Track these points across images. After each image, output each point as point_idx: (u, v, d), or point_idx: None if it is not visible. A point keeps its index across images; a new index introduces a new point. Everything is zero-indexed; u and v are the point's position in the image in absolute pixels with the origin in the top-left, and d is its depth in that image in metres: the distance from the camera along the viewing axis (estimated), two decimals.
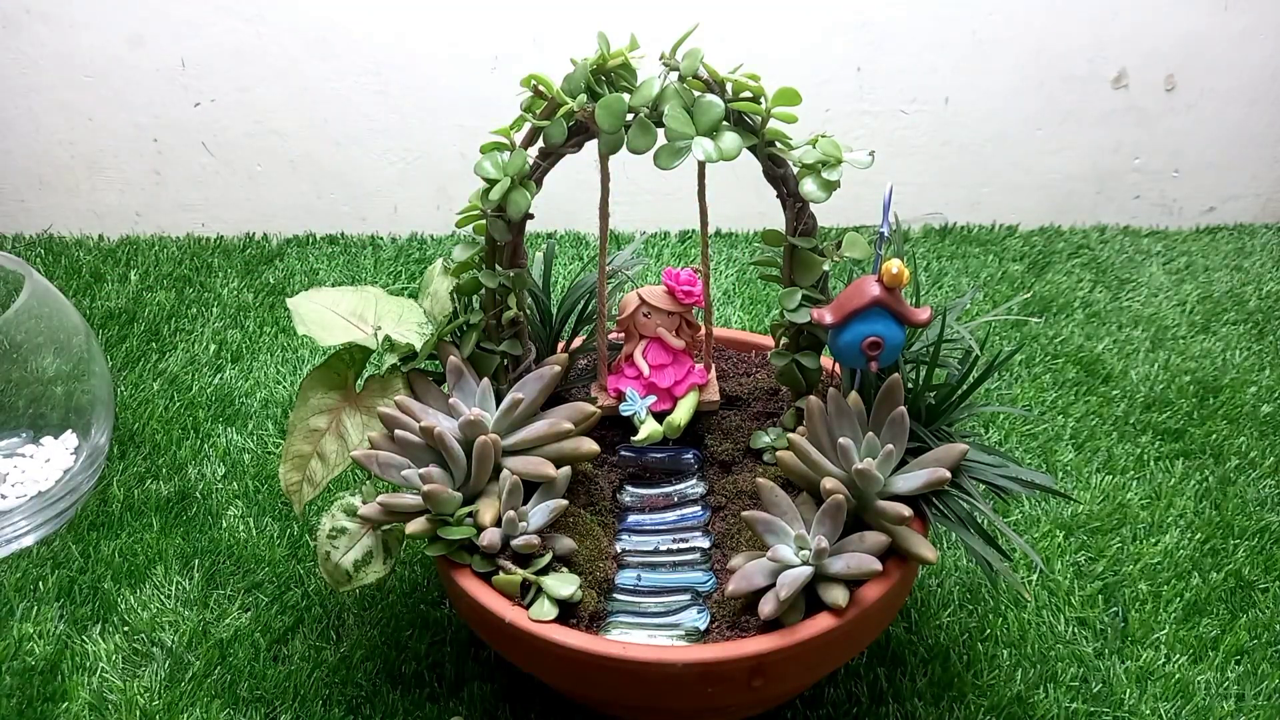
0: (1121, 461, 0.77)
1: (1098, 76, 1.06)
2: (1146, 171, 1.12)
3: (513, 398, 0.54)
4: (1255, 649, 0.62)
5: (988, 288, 1.00)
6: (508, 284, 0.56)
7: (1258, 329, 0.93)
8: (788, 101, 0.50)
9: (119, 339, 0.90)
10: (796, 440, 0.53)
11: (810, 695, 0.59)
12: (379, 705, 0.57)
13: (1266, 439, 0.79)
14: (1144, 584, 0.66)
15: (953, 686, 0.59)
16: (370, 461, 0.53)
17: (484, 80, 1.03)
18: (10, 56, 1.01)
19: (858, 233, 0.55)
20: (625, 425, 0.60)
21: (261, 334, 0.91)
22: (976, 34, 1.03)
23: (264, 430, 0.79)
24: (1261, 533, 0.70)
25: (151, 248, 1.05)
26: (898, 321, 0.51)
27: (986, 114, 1.08)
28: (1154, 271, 1.03)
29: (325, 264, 1.03)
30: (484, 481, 0.53)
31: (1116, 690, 0.59)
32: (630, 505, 0.58)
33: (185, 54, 1.02)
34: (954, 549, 0.68)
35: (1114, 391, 0.84)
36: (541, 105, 0.52)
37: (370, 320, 0.59)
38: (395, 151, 1.07)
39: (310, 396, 0.58)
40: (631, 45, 0.51)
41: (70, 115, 1.04)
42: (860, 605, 0.48)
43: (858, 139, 1.07)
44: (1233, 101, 1.08)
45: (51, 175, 1.07)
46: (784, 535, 0.50)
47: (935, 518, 0.52)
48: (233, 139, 1.06)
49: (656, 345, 0.59)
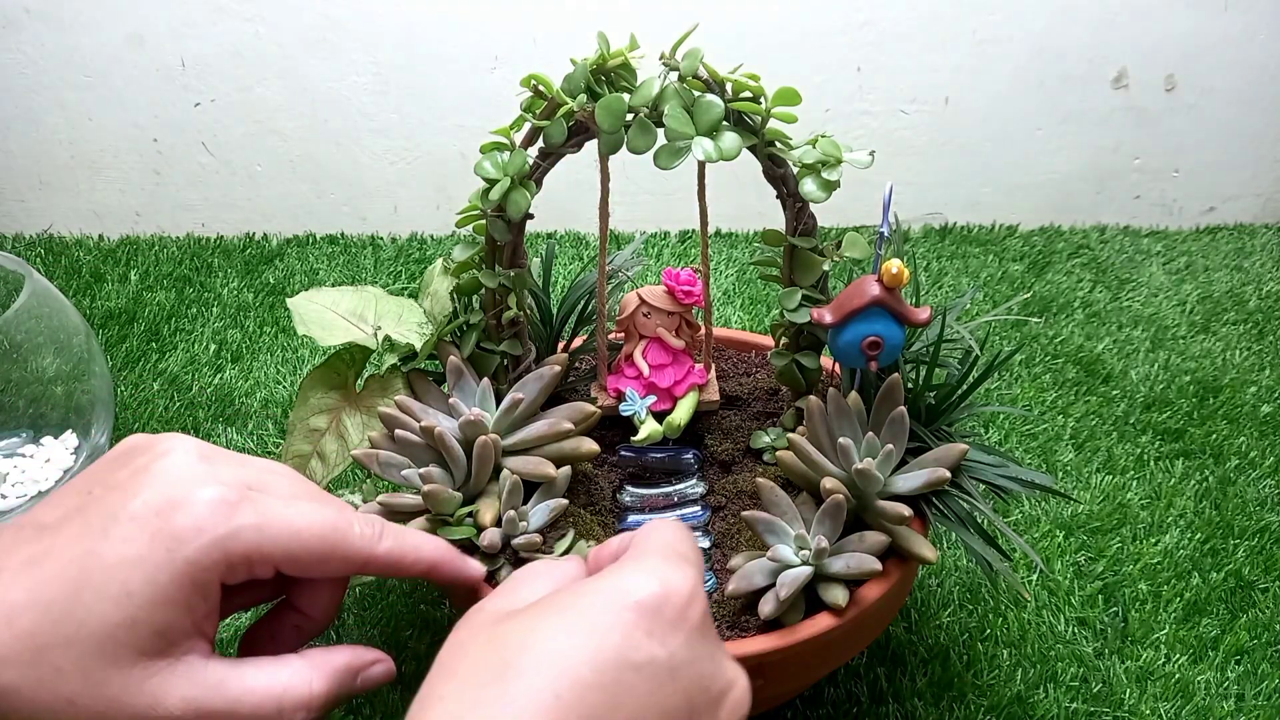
0: (1121, 461, 0.77)
1: (1098, 76, 1.06)
2: (1146, 171, 1.12)
3: (513, 398, 0.54)
4: (1255, 649, 0.62)
5: (988, 288, 1.00)
6: (508, 284, 0.56)
7: (1258, 329, 0.93)
8: (787, 101, 0.50)
9: (119, 339, 0.90)
10: (796, 440, 0.53)
11: (810, 695, 0.59)
12: (379, 705, 0.57)
13: (1266, 439, 0.79)
14: (1144, 584, 0.66)
15: (953, 686, 0.59)
16: (370, 461, 0.53)
17: (484, 80, 1.03)
18: (10, 56, 1.01)
19: (858, 233, 0.55)
20: (625, 425, 0.60)
21: (261, 334, 0.91)
22: (976, 34, 1.03)
23: (264, 430, 0.79)
24: (1261, 533, 0.70)
25: (151, 248, 1.05)
26: (898, 321, 0.51)
27: (986, 114, 1.08)
28: (1154, 271, 1.03)
29: (325, 264, 1.03)
30: (484, 481, 0.53)
31: (1116, 690, 0.59)
32: (630, 505, 0.58)
33: (185, 54, 1.02)
34: (954, 549, 0.68)
35: (1114, 391, 0.84)
36: (541, 105, 0.52)
37: (370, 320, 0.59)
38: (395, 151, 1.07)
39: (310, 396, 0.58)
40: (631, 45, 0.51)
41: (70, 115, 1.04)
42: (860, 605, 0.48)
43: (858, 139, 1.07)
44: (1233, 101, 1.08)
45: (51, 175, 1.07)
46: (784, 535, 0.50)
47: (935, 518, 0.52)
48: (232, 139, 1.06)
49: (656, 345, 0.59)
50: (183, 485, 0.35)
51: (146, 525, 0.34)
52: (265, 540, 0.35)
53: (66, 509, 0.35)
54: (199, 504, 0.35)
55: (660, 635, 0.32)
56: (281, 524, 0.36)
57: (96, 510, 0.35)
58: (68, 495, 0.36)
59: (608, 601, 0.32)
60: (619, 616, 0.32)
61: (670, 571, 0.34)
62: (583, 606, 0.32)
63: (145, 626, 0.33)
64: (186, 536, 0.34)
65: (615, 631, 0.31)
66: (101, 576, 0.33)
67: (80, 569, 0.33)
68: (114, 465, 0.37)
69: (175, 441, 0.37)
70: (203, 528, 0.34)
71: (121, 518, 0.34)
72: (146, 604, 0.33)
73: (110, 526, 0.34)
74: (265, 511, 0.36)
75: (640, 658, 0.31)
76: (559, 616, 0.32)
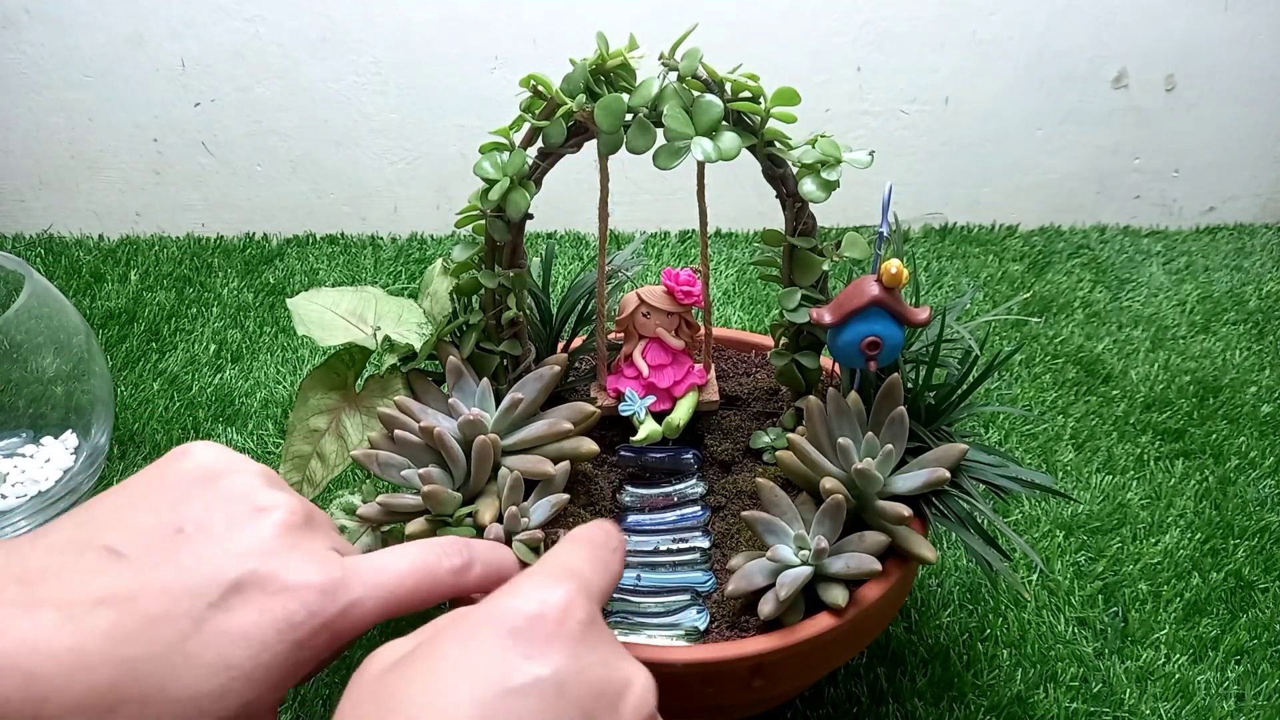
0: (1121, 461, 0.77)
1: (1098, 76, 1.06)
2: (1146, 171, 1.12)
3: (512, 398, 0.54)
4: (1255, 649, 0.62)
5: (988, 288, 1.00)
6: (507, 284, 0.56)
7: (1258, 329, 0.93)
8: (787, 101, 0.50)
9: (119, 339, 0.90)
10: (796, 440, 0.53)
11: (810, 695, 0.59)
12: None
13: (1266, 439, 0.79)
14: (1144, 584, 0.66)
15: (953, 686, 0.59)
16: (370, 461, 0.53)
17: (484, 80, 1.03)
18: (10, 56, 1.01)
19: (857, 233, 0.55)
20: (625, 425, 0.60)
21: (261, 334, 0.91)
22: (976, 34, 1.03)
23: (264, 430, 0.79)
24: (1261, 533, 0.70)
25: (151, 248, 1.05)
26: (897, 321, 0.51)
27: (986, 114, 1.08)
28: (1154, 271, 1.03)
29: (325, 264, 1.03)
30: (483, 481, 0.53)
31: (1116, 690, 0.59)
32: (630, 505, 0.58)
33: (185, 54, 1.02)
34: (954, 549, 0.68)
35: (1114, 391, 0.84)
36: (541, 105, 0.52)
37: (370, 320, 0.59)
38: (395, 151, 1.07)
39: (310, 397, 0.58)
40: (630, 45, 0.51)
41: (70, 115, 1.04)
42: (860, 605, 0.48)
43: (858, 139, 1.07)
44: (1233, 101, 1.08)
45: (51, 175, 1.07)
46: (784, 535, 0.50)
47: (935, 518, 0.52)
48: (232, 139, 1.06)
49: (656, 345, 0.59)
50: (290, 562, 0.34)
51: (254, 603, 0.33)
52: (369, 614, 0.35)
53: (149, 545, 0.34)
54: (310, 590, 0.34)
55: (539, 654, 0.31)
56: (381, 592, 0.35)
57: (196, 563, 0.33)
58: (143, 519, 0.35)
59: (481, 633, 0.32)
60: (495, 645, 0.32)
61: (541, 587, 0.33)
62: (458, 643, 0.32)
63: (235, 699, 0.33)
64: (298, 621, 0.33)
65: (494, 661, 0.31)
66: (199, 645, 0.32)
67: (178, 632, 0.32)
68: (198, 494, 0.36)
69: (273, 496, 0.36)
70: (314, 613, 0.34)
71: (225, 585, 0.33)
72: (243, 679, 0.33)
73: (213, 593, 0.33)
74: (365, 581, 0.35)
75: (522, 681, 0.31)
76: (437, 660, 0.32)
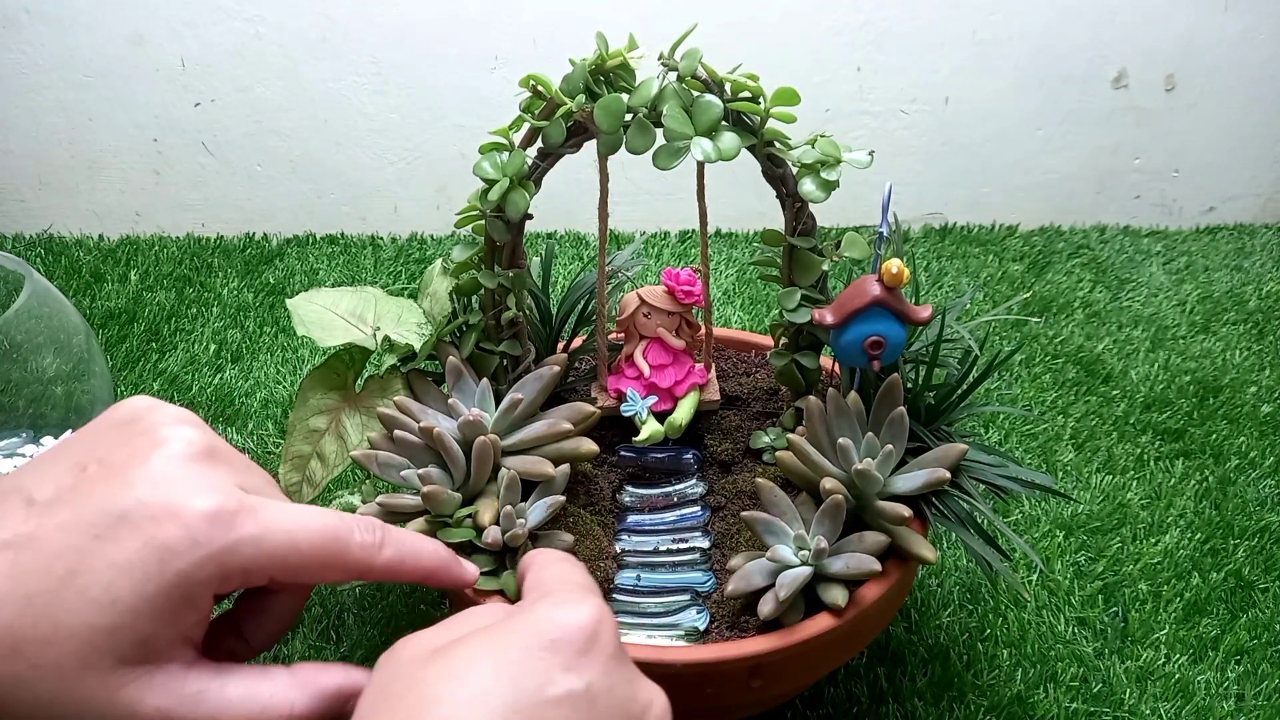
0: (1121, 461, 0.77)
1: (1098, 76, 1.06)
2: (1146, 171, 1.12)
3: (512, 398, 0.54)
4: (1255, 649, 0.62)
5: (988, 288, 1.00)
6: (507, 284, 0.56)
7: (1258, 329, 0.93)
8: (786, 101, 0.50)
9: (119, 339, 0.90)
10: (796, 440, 0.53)
11: (810, 695, 0.59)
12: None
13: (1266, 439, 0.79)
14: (1144, 584, 0.66)
15: (953, 686, 0.59)
16: (370, 462, 0.53)
17: (484, 80, 1.03)
18: (10, 56, 1.01)
19: (857, 233, 0.55)
20: (625, 425, 0.60)
21: (261, 334, 0.91)
22: (976, 34, 1.03)
23: (264, 430, 0.79)
24: (1261, 533, 0.70)
25: (151, 248, 1.05)
26: (899, 320, 0.51)
27: (986, 114, 1.08)
28: (1154, 271, 1.03)
29: (325, 264, 1.03)
30: (483, 482, 0.53)
31: (1116, 690, 0.59)
32: (630, 505, 0.58)
33: (185, 54, 1.02)
34: (954, 549, 0.68)
35: (1114, 391, 0.84)
36: (540, 105, 0.52)
37: (370, 321, 0.59)
38: (395, 151, 1.07)
39: (310, 397, 0.58)
40: (630, 45, 0.51)
41: (70, 115, 1.04)
42: (860, 605, 0.48)
43: (858, 139, 1.07)
44: (1233, 101, 1.08)
45: (51, 175, 1.07)
46: (783, 535, 0.50)
47: (935, 518, 0.52)
48: (232, 139, 1.06)
49: (656, 345, 0.59)
50: (179, 489, 0.34)
51: (139, 531, 0.33)
52: (262, 554, 0.35)
53: (59, 486, 0.34)
54: (195, 515, 0.33)
55: (577, 667, 0.32)
56: (280, 536, 0.35)
57: (89, 497, 0.33)
58: (60, 465, 0.35)
59: (522, 639, 0.33)
60: (535, 653, 0.32)
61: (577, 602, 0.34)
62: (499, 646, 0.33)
63: (128, 634, 0.32)
64: (180, 549, 0.33)
65: (533, 669, 0.32)
66: (87, 578, 0.32)
67: (67, 567, 0.32)
68: (112, 435, 0.36)
69: (177, 430, 0.36)
70: (198, 541, 0.33)
71: (113, 515, 0.33)
72: (130, 613, 0.32)
73: (101, 524, 0.33)
74: (263, 522, 0.35)
75: (558, 692, 0.32)
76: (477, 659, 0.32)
